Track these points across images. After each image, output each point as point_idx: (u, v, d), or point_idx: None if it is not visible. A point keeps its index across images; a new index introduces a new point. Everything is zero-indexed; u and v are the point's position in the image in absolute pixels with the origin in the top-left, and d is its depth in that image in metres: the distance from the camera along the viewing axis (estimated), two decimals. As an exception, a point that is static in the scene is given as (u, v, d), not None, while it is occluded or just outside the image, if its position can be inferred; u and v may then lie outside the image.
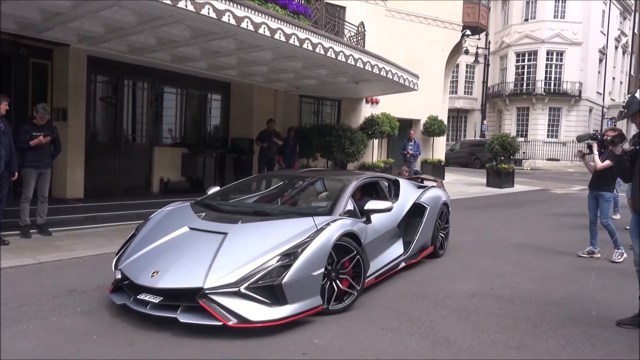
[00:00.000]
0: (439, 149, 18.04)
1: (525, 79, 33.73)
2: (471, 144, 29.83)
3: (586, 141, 6.52)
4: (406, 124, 16.80)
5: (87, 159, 8.80)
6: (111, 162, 9.54)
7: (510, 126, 33.43)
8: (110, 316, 3.84)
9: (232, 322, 3.46)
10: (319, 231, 3.97)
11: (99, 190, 9.06)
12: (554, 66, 33.10)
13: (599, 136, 6.28)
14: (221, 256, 3.76)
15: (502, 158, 16.54)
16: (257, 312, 3.54)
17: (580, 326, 4.01)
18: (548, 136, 32.88)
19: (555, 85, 33.11)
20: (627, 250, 6.22)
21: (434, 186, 6.82)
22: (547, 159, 31.02)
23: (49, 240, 6.43)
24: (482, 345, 3.54)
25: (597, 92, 35.58)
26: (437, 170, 16.67)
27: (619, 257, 6.30)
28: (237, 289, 3.53)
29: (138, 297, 3.68)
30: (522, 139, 28.37)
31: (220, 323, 3.45)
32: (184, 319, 3.50)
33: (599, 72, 35.27)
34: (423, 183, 7.01)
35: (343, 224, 4.22)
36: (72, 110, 8.50)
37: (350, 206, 4.80)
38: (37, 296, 4.25)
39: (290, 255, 3.73)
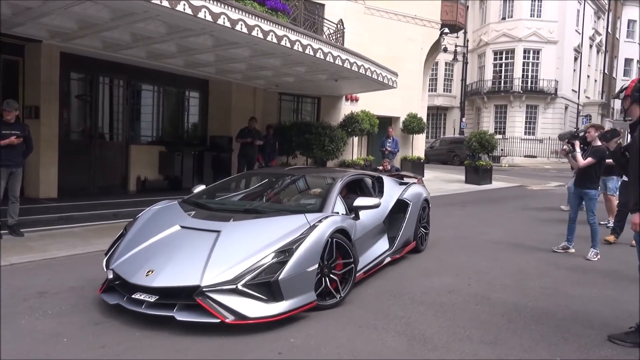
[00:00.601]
0: (419, 146, 18.16)
1: (503, 77, 34.21)
2: (450, 141, 30.12)
3: (567, 139, 6.64)
4: (386, 122, 16.87)
5: (61, 157, 8.62)
6: (86, 160, 9.37)
7: (488, 123, 33.86)
8: (82, 319, 3.75)
9: (230, 319, 3.47)
10: (312, 228, 4.02)
11: (73, 190, 8.89)
12: (530, 64, 33.63)
13: (579, 134, 6.41)
14: (216, 254, 3.77)
15: (481, 155, 16.73)
16: (254, 308, 3.56)
17: (554, 320, 4.07)
18: (525, 133, 33.40)
19: (532, 83, 33.65)
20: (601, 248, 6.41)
21: (415, 183, 6.91)
22: (525, 156, 31.55)
23: (21, 241, 6.27)
24: (458, 341, 3.56)
25: (573, 90, 36.28)
26: (416, 167, 16.79)
27: (594, 256, 6.32)
28: (234, 286, 3.55)
29: (133, 296, 3.65)
30: (500, 136, 28.74)
31: (218, 320, 3.46)
32: (181, 317, 3.49)
33: (574, 70, 35.97)
34: (403, 180, 7.07)
35: (334, 221, 4.26)
36: (45, 108, 8.32)
37: (339, 203, 4.85)
38: (7, 299, 4.13)
39: (285, 252, 3.76)
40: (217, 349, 3.29)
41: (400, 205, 5.99)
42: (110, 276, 3.95)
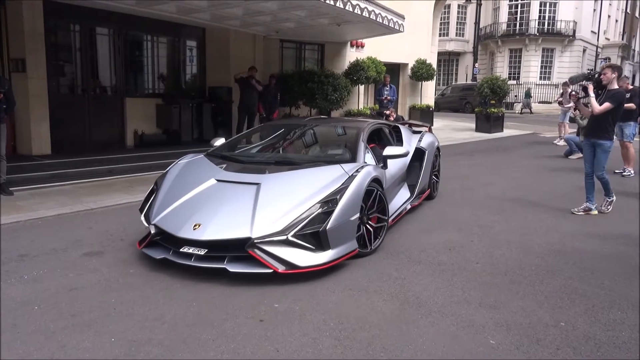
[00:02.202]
0: (428, 94, 17.51)
1: (518, 19, 32.67)
2: (462, 88, 29.19)
3: (580, 83, 5.99)
4: (394, 68, 16.21)
5: (52, 112, 8.33)
6: (80, 115, 9.06)
7: (502, 69, 32.72)
8: (57, 284, 3.57)
9: (282, 269, 3.55)
10: (352, 178, 4.10)
11: (68, 146, 8.65)
12: (548, 4, 32.00)
13: (594, 75, 5.72)
14: (261, 206, 3.81)
15: (493, 102, 16.12)
16: (304, 258, 3.65)
17: (559, 280, 3.79)
18: (540, 78, 32.26)
19: (549, 25, 32.16)
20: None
21: (427, 131, 6.95)
22: (539, 102, 30.53)
23: (10, 200, 6.07)
24: (454, 305, 3.31)
25: (592, 32, 34.65)
26: (425, 116, 16.25)
27: (608, 206, 5.88)
28: (284, 237, 3.62)
29: (181, 250, 3.68)
30: (514, 82, 27.77)
31: (271, 270, 3.53)
32: (233, 268, 3.56)
33: (594, 10, 34.19)
34: (412, 129, 6.95)
35: (370, 170, 4.34)
36: (31, 61, 7.94)
37: (368, 153, 4.92)
38: (-16, 263, 3.96)
39: (329, 202, 3.83)
40: (193, 317, 3.09)
41: (417, 154, 6.09)
42: (154, 231, 3.94)
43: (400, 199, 5.42)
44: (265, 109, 11.07)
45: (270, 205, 3.82)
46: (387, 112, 11.63)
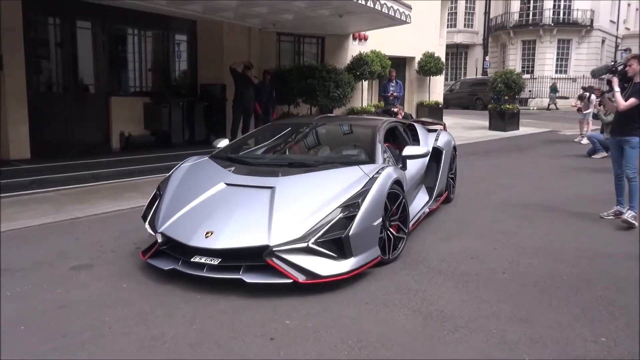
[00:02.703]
0: (436, 89, 17.54)
1: (531, 8, 32.75)
2: (472, 83, 29.28)
3: (603, 76, 5.93)
4: (399, 63, 16.22)
5: (31, 113, 8.28)
6: (62, 116, 9.01)
7: (515, 62, 32.79)
8: (46, 300, 3.50)
9: (302, 278, 3.54)
10: (373, 180, 4.13)
11: (49, 149, 8.58)
12: (563, -8, 32.11)
13: (618, 67, 5.65)
14: (278, 211, 3.82)
15: (507, 98, 16.14)
16: (325, 266, 3.65)
17: (595, 290, 3.75)
18: (556, 72, 32.33)
19: (564, 14, 32.27)
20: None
21: (442, 130, 7.00)
22: (557, 97, 30.54)
23: (-13, 209, 6.02)
24: (482, 319, 3.26)
25: (611, 21, 34.77)
26: (434, 113, 16.23)
27: (633, 219, 5.50)
28: (305, 244, 3.62)
29: (192, 260, 3.65)
30: (528, 76, 27.82)
31: (290, 281, 3.52)
32: (249, 279, 3.53)
33: (613, -3, 34.32)
34: (426, 127, 6.99)
35: (391, 172, 4.38)
36: (9, 58, 7.91)
37: (386, 153, 4.96)
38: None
39: (350, 207, 3.85)
40: (196, 336, 3.03)
41: (434, 154, 6.11)
42: (161, 239, 3.92)
43: (419, 202, 5.47)
44: (261, 108, 11.02)
45: (287, 210, 3.84)
46: (395, 110, 11.61)
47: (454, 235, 5.16)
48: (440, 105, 17.40)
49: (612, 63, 5.88)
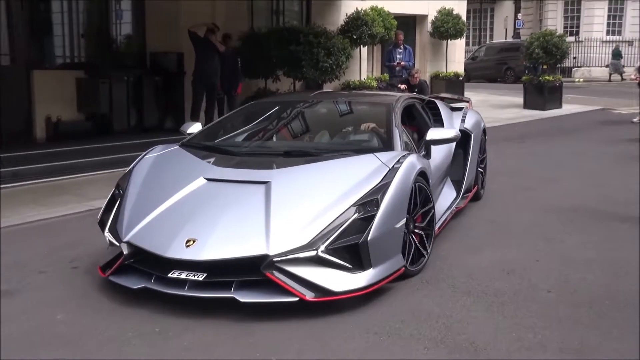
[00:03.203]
0: (456, 57, 17.74)
1: (576, -49, 33.04)
2: (501, 48, 29.57)
3: None
4: (408, 23, 16.31)
5: None
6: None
7: (555, 21, 33.07)
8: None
9: (310, 296, 3.62)
10: (394, 171, 4.19)
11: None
12: None
13: None
14: (276, 212, 3.89)
15: (545, 67, 16.28)
16: (338, 280, 3.73)
17: (667, 312, 3.81)
18: (608, 33, 32.63)
19: (618, -42, 32.54)
20: None
21: (467, 108, 7.13)
22: (607, 66, 30.85)
23: None
24: (524, 351, 3.31)
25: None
26: (453, 87, 16.40)
27: None
28: (314, 253, 3.69)
29: (169, 275, 3.69)
30: (573, 39, 28.08)
31: (297, 299, 3.60)
32: (243, 298, 3.60)
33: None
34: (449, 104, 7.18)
35: (414, 161, 4.48)
36: None
37: (404, 137, 5.03)
38: None
39: (367, 205, 3.92)
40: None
41: (461, 139, 6.05)
42: (127, 251, 3.94)
43: (446, 200, 5.61)
44: (223, 84, 11.04)
45: (288, 211, 3.92)
46: (414, 72, 11.79)
47: (484, 243, 5.24)
48: (461, 78, 17.59)
49: None
